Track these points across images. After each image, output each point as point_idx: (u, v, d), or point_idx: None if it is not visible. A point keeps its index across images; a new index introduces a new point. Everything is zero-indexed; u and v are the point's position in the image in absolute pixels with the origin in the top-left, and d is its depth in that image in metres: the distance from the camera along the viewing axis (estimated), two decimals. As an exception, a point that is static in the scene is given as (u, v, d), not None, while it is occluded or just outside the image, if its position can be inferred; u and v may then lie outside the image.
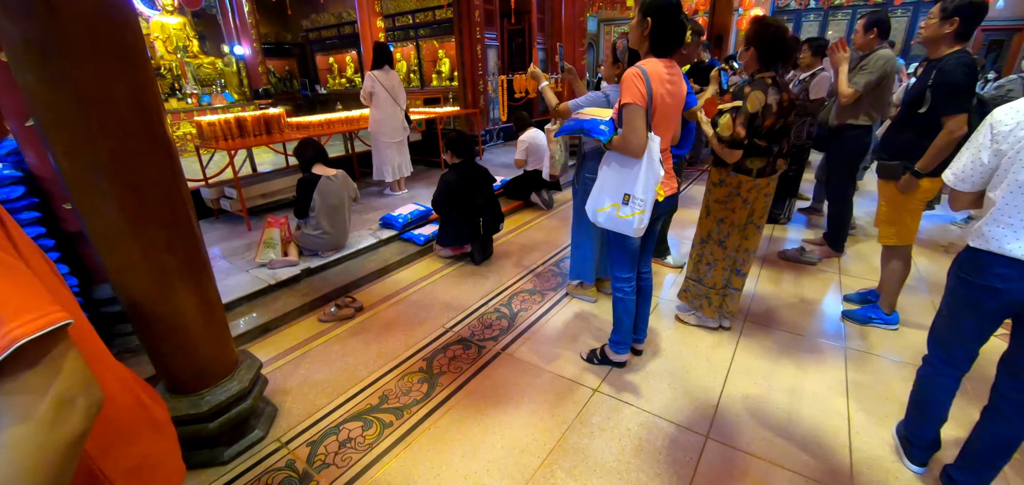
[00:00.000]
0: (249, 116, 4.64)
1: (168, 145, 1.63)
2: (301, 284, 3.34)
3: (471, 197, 3.69)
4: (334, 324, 2.99)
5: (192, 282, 1.76)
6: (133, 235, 1.57)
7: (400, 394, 2.34)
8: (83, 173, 1.47)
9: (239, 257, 3.67)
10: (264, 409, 2.17)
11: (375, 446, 2.03)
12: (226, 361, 1.97)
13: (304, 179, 3.47)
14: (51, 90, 1.36)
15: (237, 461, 1.97)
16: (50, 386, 0.56)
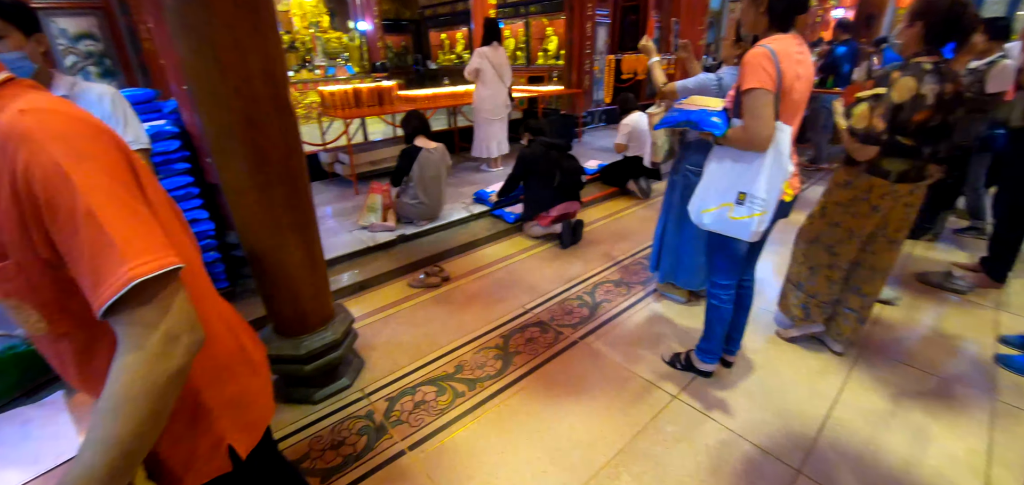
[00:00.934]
0: (365, 88, 5.00)
1: (290, 112, 1.78)
2: (396, 249, 3.56)
3: (550, 173, 3.64)
4: (422, 290, 3.14)
5: (301, 237, 1.93)
6: (255, 190, 1.76)
7: (475, 367, 2.40)
8: (219, 132, 1.67)
9: (345, 218, 4.01)
10: (352, 360, 2.35)
11: (446, 412, 2.10)
12: (324, 312, 2.15)
13: (406, 149, 3.65)
14: (199, 59, 1.56)
15: (325, 403, 2.17)
16: (160, 322, 0.61)
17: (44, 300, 0.66)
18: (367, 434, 2.00)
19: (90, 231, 0.58)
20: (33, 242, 0.60)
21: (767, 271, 3.28)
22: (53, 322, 0.68)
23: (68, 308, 0.66)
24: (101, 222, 0.58)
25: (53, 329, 0.68)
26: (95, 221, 0.58)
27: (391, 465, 1.86)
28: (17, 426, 0.76)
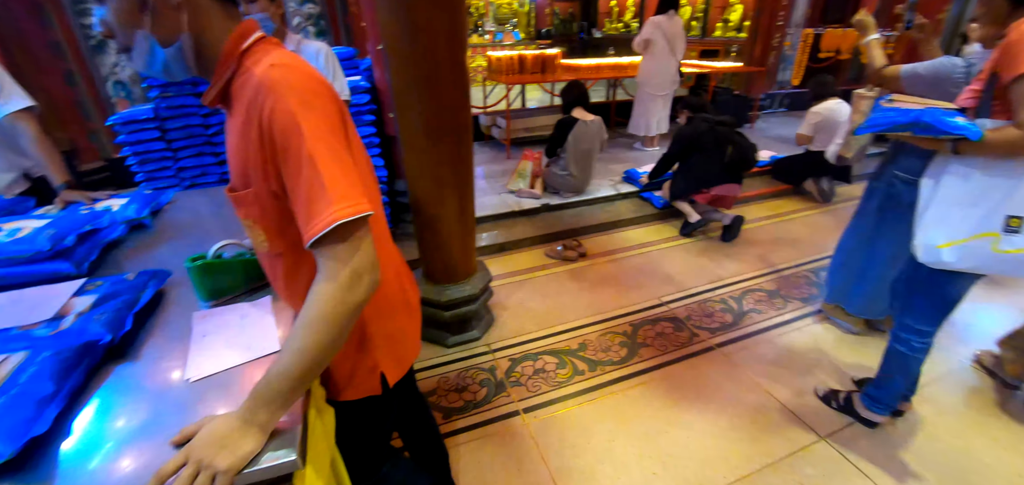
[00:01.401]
0: (530, 55, 5.13)
1: (465, 75, 1.91)
2: (538, 217, 3.66)
3: (721, 148, 3.32)
4: (557, 262, 3.21)
5: (458, 193, 2.10)
6: (425, 145, 1.95)
7: (599, 348, 2.39)
8: (403, 89, 1.87)
9: (495, 180, 4.24)
10: (484, 316, 2.53)
11: (563, 386, 2.15)
12: (467, 266, 2.34)
13: (563, 120, 3.67)
14: (395, 21, 1.75)
15: (455, 349, 2.39)
16: (351, 260, 0.71)
17: (270, 224, 0.81)
18: (487, 387, 2.16)
19: (309, 173, 0.68)
20: (268, 176, 0.74)
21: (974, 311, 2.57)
22: (273, 242, 0.84)
23: (285, 233, 0.81)
24: (318, 167, 0.68)
25: (272, 248, 0.85)
26: (314, 166, 0.68)
27: (504, 421, 1.99)
28: (237, 317, 1.00)
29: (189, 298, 1.09)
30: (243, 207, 0.82)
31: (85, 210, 1.43)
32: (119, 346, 0.92)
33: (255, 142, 0.72)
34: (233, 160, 0.80)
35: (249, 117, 0.72)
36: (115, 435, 0.75)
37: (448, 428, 1.94)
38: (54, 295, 1.00)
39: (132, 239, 1.45)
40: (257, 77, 0.70)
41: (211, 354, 0.89)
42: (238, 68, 0.76)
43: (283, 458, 0.70)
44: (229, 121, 0.81)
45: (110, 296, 0.98)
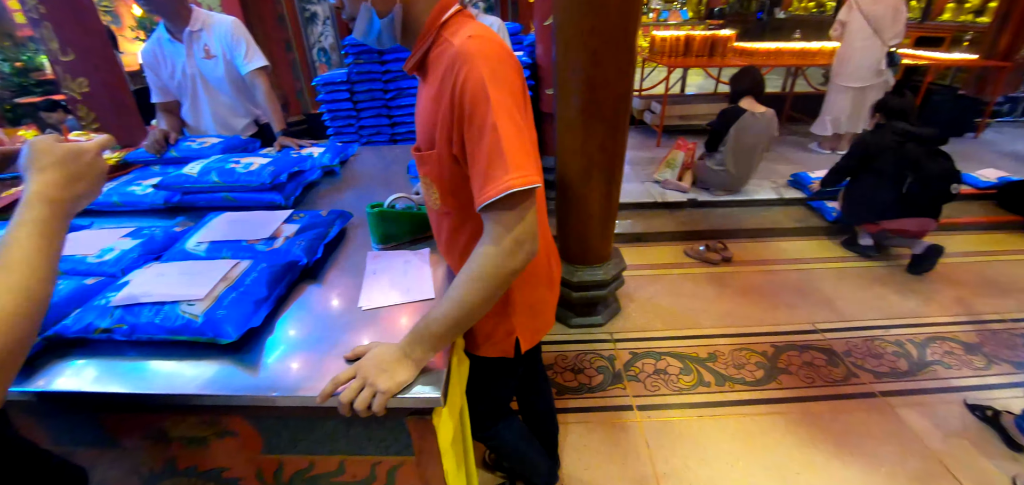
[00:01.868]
0: (698, 36, 4.75)
1: (632, 55, 1.86)
2: (682, 212, 3.45)
3: (898, 174, 2.73)
4: (697, 263, 3.01)
5: (605, 178, 2.08)
6: (581, 126, 1.95)
7: (730, 363, 2.21)
8: (567, 66, 1.88)
9: (640, 167, 4.08)
10: (611, 303, 2.51)
11: (685, 393, 2.05)
12: (602, 251, 2.33)
13: (727, 110, 3.34)
14: None
15: (577, 330, 2.41)
16: (514, 227, 0.75)
17: (445, 185, 0.88)
18: (604, 374, 2.16)
19: (491, 141, 0.73)
20: (452, 140, 0.80)
21: None
22: (445, 201, 0.92)
23: (457, 195, 0.89)
24: (500, 136, 0.72)
25: (443, 206, 0.93)
26: (496, 134, 0.72)
27: (616, 413, 1.97)
28: (401, 262, 1.16)
29: (364, 239, 1.29)
30: (425, 166, 0.91)
31: (294, 154, 1.76)
32: (311, 269, 1.14)
33: (445, 107, 0.78)
34: (422, 123, 0.89)
35: (443, 84, 0.78)
36: (303, 339, 0.94)
37: (559, 404, 2.00)
38: (271, 220, 1.26)
39: (325, 182, 1.76)
40: (455, 47, 0.76)
41: (378, 290, 1.05)
42: (436, 39, 0.83)
43: (429, 393, 0.80)
44: (422, 88, 0.90)
45: (308, 227, 1.21)
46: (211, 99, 2.16)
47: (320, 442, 0.94)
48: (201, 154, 1.73)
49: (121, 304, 0.93)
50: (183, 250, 1.16)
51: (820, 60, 4.67)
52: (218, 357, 0.90)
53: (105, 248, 1.17)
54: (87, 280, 1.08)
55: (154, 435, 0.98)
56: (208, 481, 1.07)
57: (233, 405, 0.85)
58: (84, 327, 0.92)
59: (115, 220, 1.50)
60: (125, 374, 0.88)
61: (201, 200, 1.52)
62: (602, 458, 1.79)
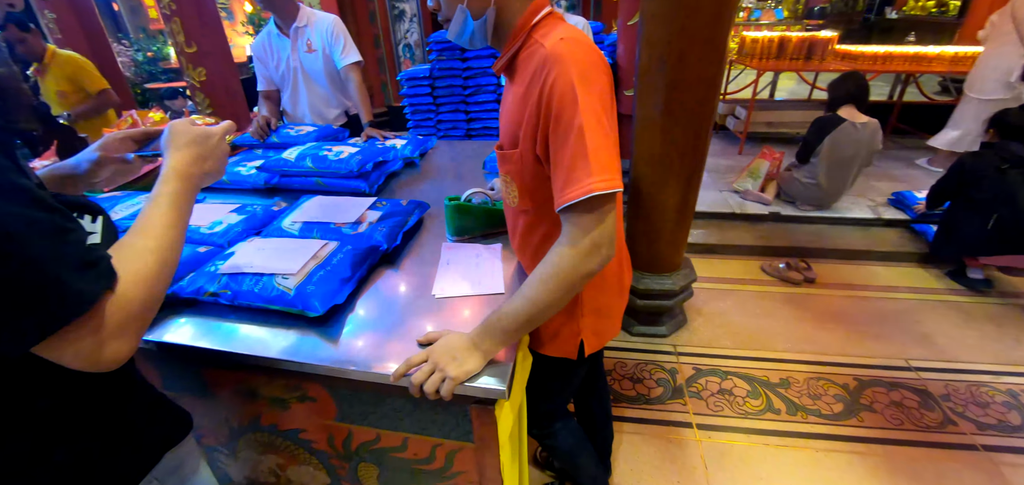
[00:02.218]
0: (794, 37, 4.42)
1: (721, 58, 1.77)
2: (762, 226, 3.25)
3: (989, 205, 2.39)
4: (775, 281, 2.82)
5: (682, 185, 1.99)
6: (661, 129, 1.88)
7: (805, 393, 2.06)
8: (650, 66, 1.81)
9: (719, 175, 3.88)
10: (677, 314, 2.42)
11: (750, 418, 1.94)
12: (673, 260, 2.25)
13: (823, 119, 3.08)
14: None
15: (638, 339, 2.36)
16: (593, 230, 0.75)
17: (525, 184, 0.90)
18: (664, 387, 2.09)
19: (576, 143, 0.73)
20: (536, 141, 0.81)
21: None
22: (523, 200, 0.93)
23: (535, 195, 0.90)
24: (586, 138, 0.72)
25: (521, 204, 0.95)
26: (582, 136, 0.72)
27: (674, 428, 1.91)
28: (473, 255, 1.20)
29: (440, 229, 1.35)
30: (506, 164, 0.93)
31: (379, 145, 1.87)
32: (390, 254, 1.22)
33: (532, 108, 0.79)
34: (507, 122, 0.91)
35: (531, 85, 0.78)
36: (380, 319, 1.00)
37: (615, 412, 1.97)
38: (356, 205, 1.36)
39: (405, 173, 1.85)
40: (546, 49, 0.76)
41: (451, 280, 1.10)
42: (526, 40, 0.84)
43: (494, 385, 0.83)
44: (509, 88, 0.92)
45: (390, 215, 1.29)
46: (309, 90, 2.34)
47: (387, 418, 1.01)
48: (298, 141, 1.89)
49: (227, 272, 1.05)
50: (279, 227, 1.28)
51: (937, 67, 4.18)
52: (305, 328, 0.99)
53: (215, 221, 1.32)
54: (200, 248, 1.22)
55: (245, 392, 1.10)
56: (285, 439, 1.18)
57: (315, 373, 0.93)
58: (196, 290, 1.05)
59: (223, 196, 1.68)
60: (226, 334, 0.99)
61: (296, 183, 1.66)
62: (655, 472, 1.74)
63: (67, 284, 0.51)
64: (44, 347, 0.52)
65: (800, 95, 5.52)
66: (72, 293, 0.51)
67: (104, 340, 0.55)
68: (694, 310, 2.56)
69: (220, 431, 1.24)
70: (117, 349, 0.57)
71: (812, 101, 5.05)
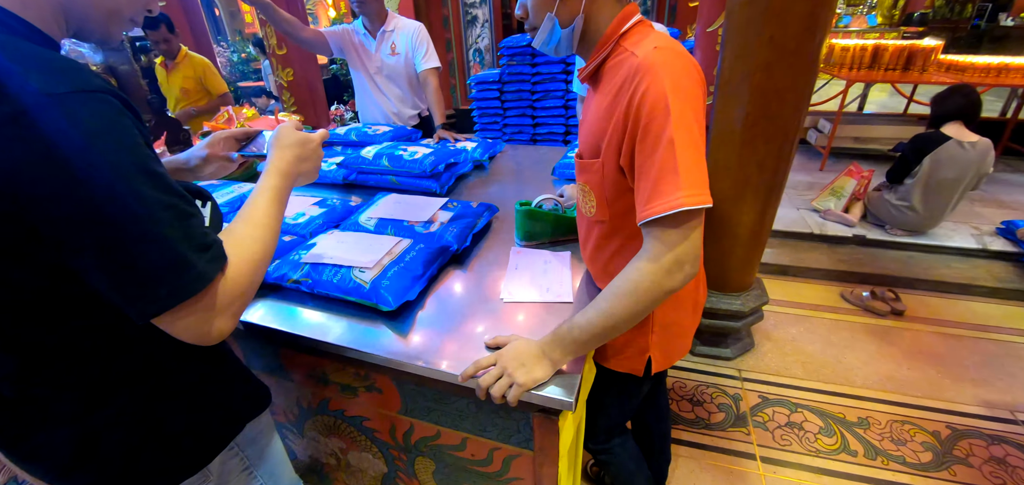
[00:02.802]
0: (890, 45, 4.05)
1: (812, 69, 1.66)
2: (844, 249, 3.01)
3: None
4: (857, 310, 2.60)
5: (760, 201, 1.88)
6: (740, 141, 1.77)
7: (888, 436, 1.88)
8: (733, 77, 1.72)
9: (796, 192, 3.64)
10: (743, 337, 2.30)
11: (822, 457, 1.80)
12: (743, 280, 2.13)
13: (925, 136, 2.80)
14: (748, 6, 1.61)
15: (700, 360, 2.26)
16: (677, 246, 0.72)
17: (603, 193, 0.88)
18: (726, 413, 1.99)
19: (666, 155, 0.70)
20: (620, 151, 0.79)
21: None
22: (600, 210, 0.91)
23: (613, 205, 0.88)
24: (676, 151, 0.69)
25: (597, 215, 0.93)
26: (672, 148, 0.69)
27: (735, 458, 1.81)
28: (541, 261, 1.20)
29: (507, 233, 1.37)
30: (585, 173, 0.92)
31: (451, 146, 1.92)
32: (460, 255, 1.25)
33: (619, 117, 0.76)
34: (589, 131, 0.88)
35: (619, 95, 0.76)
36: (448, 319, 1.03)
37: (672, 434, 1.90)
38: (429, 205, 1.40)
39: (474, 175, 1.89)
40: (639, 59, 0.74)
41: (519, 285, 1.11)
42: (614, 48, 0.82)
43: (561, 396, 0.82)
44: (593, 96, 0.90)
45: (460, 216, 1.32)
46: (387, 90, 2.46)
47: (449, 416, 1.03)
48: (374, 140, 1.99)
49: (309, 262, 1.12)
50: (356, 222, 1.35)
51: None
52: (377, 321, 1.03)
53: (299, 213, 1.41)
54: (284, 237, 1.31)
55: (317, 376, 1.16)
56: (350, 425, 1.24)
57: (383, 365, 0.96)
58: (280, 276, 1.12)
59: (305, 190, 1.79)
60: (305, 321, 1.06)
61: (371, 180, 1.75)
62: (715, 502, 1.66)
63: (191, 263, 0.57)
64: (163, 319, 0.58)
65: (893, 109, 5.06)
66: (194, 272, 0.57)
67: (213, 317, 0.61)
68: (763, 334, 2.42)
69: (290, 410, 1.33)
70: (223, 325, 0.63)
71: (908, 116, 4.61)
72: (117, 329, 0.64)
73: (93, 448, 0.67)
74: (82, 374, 0.64)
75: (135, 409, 0.69)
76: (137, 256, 0.54)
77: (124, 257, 0.53)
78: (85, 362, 0.64)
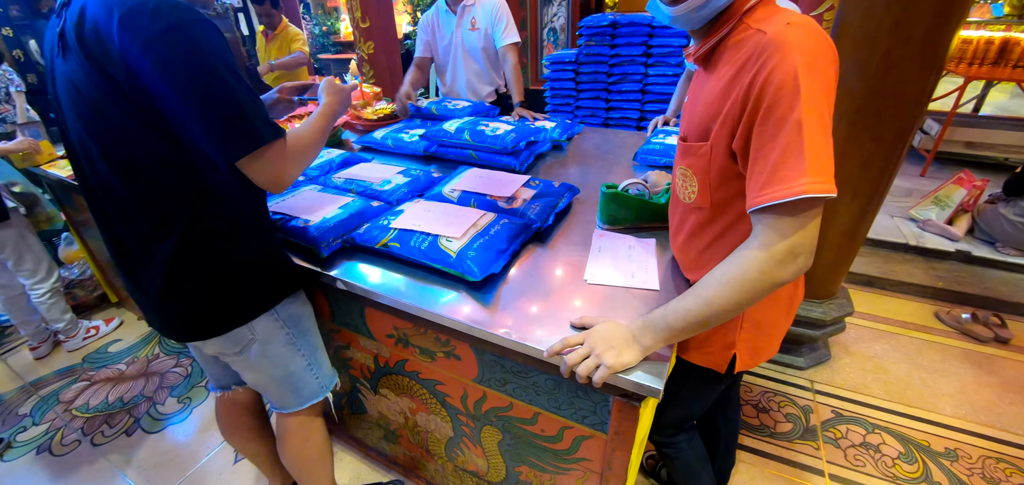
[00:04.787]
0: (1021, 39, 3.56)
1: (940, 64, 1.49)
2: (943, 264, 2.74)
3: None
4: (954, 333, 2.37)
5: (859, 205, 1.74)
6: (845, 136, 1.60)
7: (979, 472, 1.73)
8: (843, 63, 1.51)
9: (893, 198, 3.33)
10: (819, 348, 2.16)
11: (899, 483, 1.68)
12: (829, 288, 1.99)
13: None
14: None
15: (769, 366, 2.16)
16: (792, 236, 0.68)
17: (707, 179, 0.84)
18: (794, 424, 1.90)
19: (791, 137, 0.65)
20: (734, 133, 0.73)
21: None
22: (701, 196, 0.87)
23: (716, 191, 0.84)
24: (804, 134, 0.64)
25: (697, 201, 0.88)
26: (800, 131, 0.64)
27: (801, 471, 1.73)
28: (626, 246, 1.18)
29: (588, 215, 1.36)
30: (690, 157, 0.87)
31: (531, 125, 1.92)
32: (542, 233, 1.26)
33: (737, 98, 0.72)
34: (699, 113, 0.83)
35: (741, 74, 0.72)
36: (530, 294, 1.04)
37: (738, 437, 1.84)
38: (512, 181, 1.42)
39: (551, 155, 1.89)
40: (768, 35, 0.68)
41: (603, 267, 1.11)
42: (737, 25, 0.76)
43: (650, 382, 0.80)
44: (706, 77, 0.85)
45: (543, 194, 1.33)
46: (466, 66, 2.49)
47: (524, 390, 1.06)
48: (454, 114, 2.03)
49: (398, 227, 1.17)
50: (440, 193, 1.39)
51: None
52: (462, 289, 1.06)
53: (385, 180, 1.48)
54: (373, 203, 1.37)
55: (398, 336, 1.22)
56: (423, 387, 1.30)
57: (467, 334, 0.99)
58: (369, 238, 1.18)
59: (388, 158, 1.87)
60: (391, 283, 1.11)
61: (451, 153, 1.79)
62: (777, 514, 1.60)
63: (261, 125, 0.87)
64: (242, 163, 0.87)
65: (1016, 113, 4.48)
66: (262, 131, 0.87)
67: (280, 168, 0.92)
68: (841, 346, 2.27)
69: (367, 366, 1.41)
70: (285, 171, 0.94)
71: (1031, 121, 4.07)
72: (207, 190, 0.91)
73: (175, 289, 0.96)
74: (179, 223, 0.91)
75: (204, 259, 0.95)
76: (226, 119, 0.82)
77: (219, 117, 0.82)
78: (181, 213, 0.90)
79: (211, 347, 1.07)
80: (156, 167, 0.86)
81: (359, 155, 1.83)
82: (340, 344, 1.42)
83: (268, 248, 1.07)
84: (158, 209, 0.90)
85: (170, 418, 2.05)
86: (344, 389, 1.58)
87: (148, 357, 2.42)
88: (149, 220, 0.91)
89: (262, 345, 1.09)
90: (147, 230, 0.92)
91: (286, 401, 1.22)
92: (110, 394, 2.20)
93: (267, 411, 1.44)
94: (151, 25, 0.76)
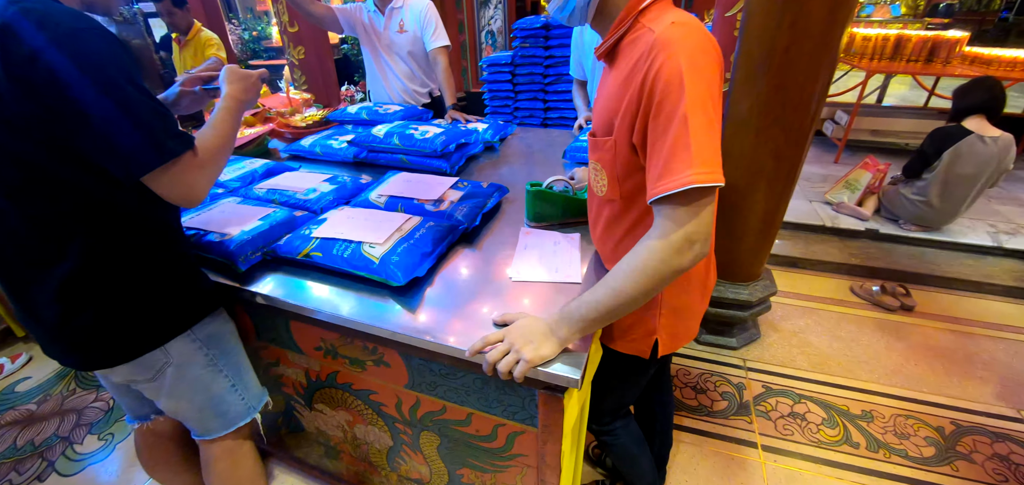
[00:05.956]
0: (913, 36, 3.95)
1: (833, 58, 1.61)
2: (855, 242, 2.98)
3: None
4: (865, 305, 2.58)
5: (773, 191, 1.85)
6: (755, 129, 1.74)
7: (891, 430, 1.88)
8: (751, 63, 1.68)
9: (809, 184, 3.59)
10: (749, 327, 2.29)
11: (824, 448, 1.81)
12: (752, 270, 2.12)
13: (945, 130, 2.76)
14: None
15: (705, 348, 2.26)
16: (687, 224, 0.72)
17: (615, 172, 0.87)
18: (729, 401, 2.00)
19: (678, 132, 0.69)
20: (633, 128, 0.78)
21: None
22: (610, 189, 0.91)
23: (624, 184, 0.88)
24: (689, 128, 0.68)
25: (608, 194, 0.92)
26: (685, 125, 0.68)
27: (736, 446, 1.82)
28: (551, 242, 1.21)
29: (517, 213, 1.37)
30: (598, 152, 0.91)
31: (462, 127, 1.92)
32: (469, 234, 1.25)
33: (633, 94, 0.75)
34: (603, 109, 0.87)
35: (634, 71, 0.75)
36: (456, 296, 1.04)
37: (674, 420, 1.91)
38: (439, 184, 1.41)
39: (484, 156, 1.89)
40: (655, 34, 0.72)
41: (528, 264, 1.12)
42: (633, 24, 0.80)
43: (568, 373, 0.82)
44: (608, 74, 0.89)
45: (470, 196, 1.33)
46: (396, 69, 2.45)
47: (455, 391, 1.05)
48: (385, 119, 1.99)
49: (320, 236, 1.13)
50: (367, 199, 1.36)
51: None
52: (386, 296, 1.04)
53: (309, 188, 1.43)
54: (296, 212, 1.32)
55: (326, 349, 1.18)
56: (357, 399, 1.27)
57: (392, 340, 0.98)
58: (291, 249, 1.14)
59: (316, 166, 1.81)
60: (315, 295, 1.08)
61: (382, 158, 1.75)
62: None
63: (165, 137, 0.82)
64: (148, 178, 0.82)
65: (913, 102, 4.95)
66: (169, 145, 0.83)
67: (190, 181, 0.87)
68: (769, 325, 2.41)
69: (299, 382, 1.36)
70: (199, 186, 0.89)
71: (929, 109, 4.52)
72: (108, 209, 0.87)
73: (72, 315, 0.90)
74: (76, 244, 0.86)
75: (105, 281, 0.90)
76: (126, 133, 0.78)
77: (117, 132, 0.77)
78: (79, 233, 0.86)
79: (119, 374, 1.01)
80: (45, 183, 0.81)
81: (285, 164, 1.76)
82: (269, 361, 1.36)
83: (181, 266, 1.03)
84: (49, 229, 0.84)
85: (90, 457, 1.88)
86: (278, 408, 1.51)
87: (62, 394, 2.21)
88: (40, 241, 0.85)
89: (178, 369, 1.04)
90: (38, 252, 0.86)
91: (209, 427, 1.16)
92: (18, 438, 1.99)
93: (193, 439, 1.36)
94: (36, 35, 0.71)
